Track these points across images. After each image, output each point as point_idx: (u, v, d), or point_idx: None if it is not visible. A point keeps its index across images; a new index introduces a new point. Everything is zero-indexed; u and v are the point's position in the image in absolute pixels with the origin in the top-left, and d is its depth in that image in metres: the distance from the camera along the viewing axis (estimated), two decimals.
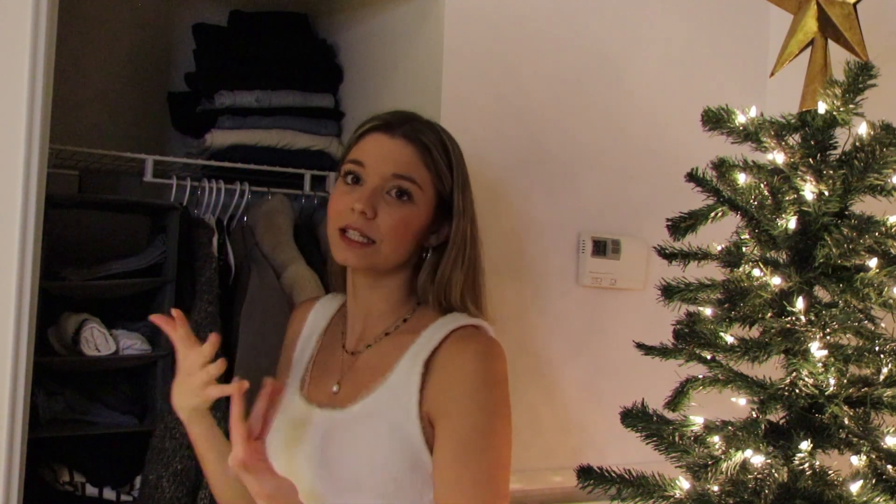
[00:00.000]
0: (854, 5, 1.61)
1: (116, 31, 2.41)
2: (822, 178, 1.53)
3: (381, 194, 1.26)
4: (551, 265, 2.10)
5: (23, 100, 1.41)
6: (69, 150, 1.96)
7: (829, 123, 1.55)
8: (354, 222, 1.25)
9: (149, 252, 1.99)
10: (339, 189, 1.30)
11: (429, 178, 1.30)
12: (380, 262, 1.28)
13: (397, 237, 1.27)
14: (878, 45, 1.68)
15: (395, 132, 1.30)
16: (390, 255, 1.28)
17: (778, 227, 1.54)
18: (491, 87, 2.02)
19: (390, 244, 1.27)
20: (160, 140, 2.40)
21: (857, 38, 1.61)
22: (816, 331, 1.49)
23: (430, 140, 1.31)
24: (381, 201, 1.26)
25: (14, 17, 1.41)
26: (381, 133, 1.31)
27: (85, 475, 1.93)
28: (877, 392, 1.48)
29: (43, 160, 1.45)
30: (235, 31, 2.37)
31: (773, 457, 1.49)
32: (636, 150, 2.21)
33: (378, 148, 1.29)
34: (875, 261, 1.48)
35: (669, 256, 1.66)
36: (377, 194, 1.26)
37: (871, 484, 1.43)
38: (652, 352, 1.63)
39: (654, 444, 1.57)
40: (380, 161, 1.27)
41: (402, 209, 1.27)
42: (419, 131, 1.32)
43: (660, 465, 1.59)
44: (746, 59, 2.37)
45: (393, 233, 1.26)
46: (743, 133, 1.60)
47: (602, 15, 2.18)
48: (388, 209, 1.26)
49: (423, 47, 2.04)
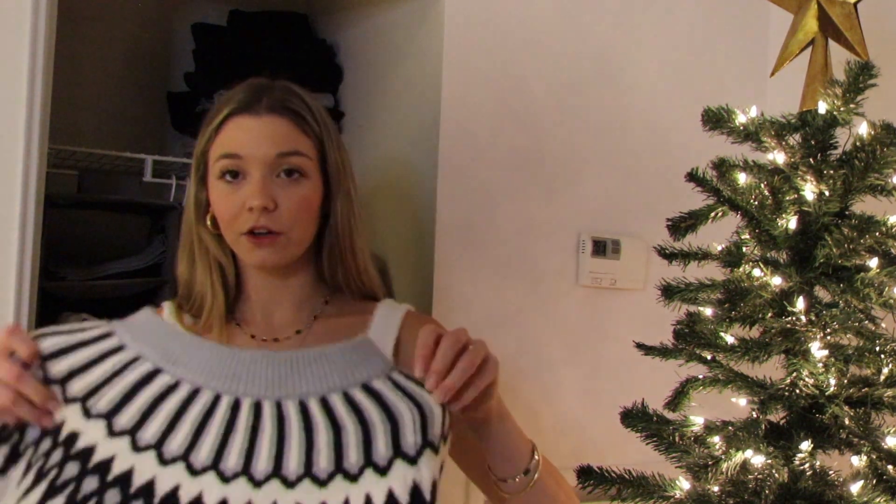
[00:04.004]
0: (854, 5, 1.61)
1: (116, 31, 2.41)
2: (822, 178, 1.53)
3: (271, 181, 1.13)
4: (551, 265, 2.10)
5: (22, 99, 1.41)
6: (69, 150, 1.97)
7: (830, 123, 1.55)
8: (258, 221, 1.12)
9: (148, 252, 1.99)
10: (220, 190, 1.15)
11: (311, 144, 1.18)
12: (293, 251, 1.18)
13: (303, 219, 1.16)
14: (878, 44, 1.68)
15: (259, 109, 1.16)
16: (302, 241, 1.18)
17: (778, 227, 1.54)
18: (491, 87, 2.02)
19: (298, 230, 1.16)
20: (160, 140, 2.40)
21: (858, 38, 1.61)
22: (817, 331, 1.49)
23: (296, 104, 1.19)
24: (275, 189, 1.13)
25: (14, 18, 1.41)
26: (243, 116, 1.16)
27: None
28: (877, 392, 1.48)
29: (42, 160, 1.45)
30: (235, 31, 2.38)
31: (774, 457, 1.49)
32: (636, 150, 2.21)
33: (248, 133, 1.14)
34: (875, 261, 1.48)
35: (669, 256, 1.65)
36: (268, 183, 1.13)
37: (871, 484, 1.43)
38: (652, 352, 1.62)
39: (654, 445, 1.57)
40: (256, 146, 1.13)
41: (299, 188, 1.15)
42: (283, 100, 1.19)
43: (660, 465, 1.59)
44: (746, 59, 2.37)
45: (297, 217, 1.15)
46: (743, 133, 1.60)
47: (602, 15, 2.18)
48: (285, 194, 1.13)
49: (423, 47, 2.04)
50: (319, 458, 0.85)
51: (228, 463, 0.85)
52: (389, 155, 2.18)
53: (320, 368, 0.90)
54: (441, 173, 1.95)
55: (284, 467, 0.85)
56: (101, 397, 0.87)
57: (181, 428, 0.86)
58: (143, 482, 0.83)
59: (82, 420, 0.86)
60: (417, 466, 0.86)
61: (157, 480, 0.83)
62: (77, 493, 0.82)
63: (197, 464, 0.85)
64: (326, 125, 1.22)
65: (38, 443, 0.87)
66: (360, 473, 0.86)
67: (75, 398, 0.87)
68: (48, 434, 0.87)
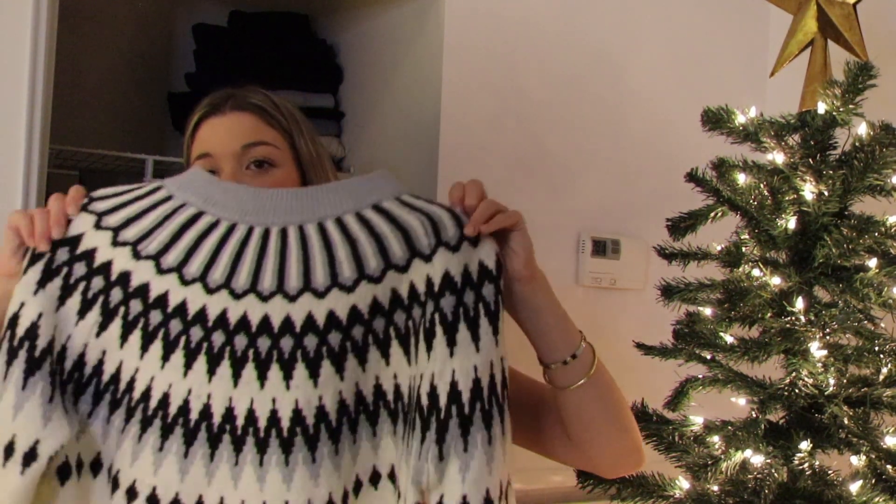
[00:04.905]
0: (854, 5, 1.62)
1: (117, 32, 2.41)
2: (821, 178, 1.53)
3: (241, 173, 1.16)
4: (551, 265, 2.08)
5: (23, 100, 1.41)
6: (69, 150, 1.97)
7: (829, 123, 1.55)
8: None
9: None
10: None
11: (278, 135, 1.21)
12: None
13: None
14: (877, 45, 1.68)
15: (224, 109, 1.20)
16: None
17: (778, 227, 1.54)
18: (491, 87, 2.02)
19: None
20: (160, 140, 2.40)
21: (857, 39, 1.61)
22: (816, 331, 1.49)
23: (259, 100, 1.23)
24: (244, 180, 1.16)
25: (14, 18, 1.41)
26: (211, 118, 1.22)
27: None
28: (876, 392, 1.48)
29: (43, 160, 1.45)
30: (235, 31, 2.38)
31: (773, 457, 1.49)
32: (636, 150, 2.21)
33: (215, 132, 1.19)
34: (875, 261, 1.48)
35: (669, 256, 1.66)
36: (238, 175, 1.16)
37: (870, 484, 1.43)
38: (652, 352, 1.63)
39: (654, 444, 1.57)
40: (224, 143, 1.18)
41: (268, 177, 1.17)
42: (245, 97, 1.22)
43: (660, 465, 1.59)
44: (746, 59, 2.37)
45: None
46: (743, 133, 1.60)
47: (602, 15, 2.18)
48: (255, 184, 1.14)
49: (423, 47, 2.04)
50: (343, 269, 0.96)
51: (264, 284, 0.96)
52: (389, 155, 2.18)
53: (336, 196, 1.01)
54: (441, 173, 1.95)
55: (314, 281, 0.96)
56: (151, 241, 0.98)
57: (221, 259, 0.97)
58: (196, 310, 0.95)
59: (132, 261, 0.97)
60: (432, 263, 0.97)
61: (207, 307, 0.95)
62: (148, 325, 0.95)
63: (238, 288, 0.96)
64: (294, 117, 1.25)
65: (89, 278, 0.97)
66: (383, 275, 0.97)
67: (126, 242, 0.98)
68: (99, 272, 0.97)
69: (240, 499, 0.93)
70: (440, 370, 0.95)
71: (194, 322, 0.95)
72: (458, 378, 0.95)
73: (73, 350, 0.95)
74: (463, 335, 0.96)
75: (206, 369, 0.94)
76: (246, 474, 0.93)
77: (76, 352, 0.95)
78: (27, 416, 0.92)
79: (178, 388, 0.94)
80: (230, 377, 0.94)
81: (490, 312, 0.98)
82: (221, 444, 0.94)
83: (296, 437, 0.93)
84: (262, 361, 0.94)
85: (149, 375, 0.95)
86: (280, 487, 0.93)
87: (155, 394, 0.94)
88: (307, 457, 0.93)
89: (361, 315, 0.96)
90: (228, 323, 0.95)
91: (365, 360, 0.96)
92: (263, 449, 0.93)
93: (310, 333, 0.95)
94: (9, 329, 0.94)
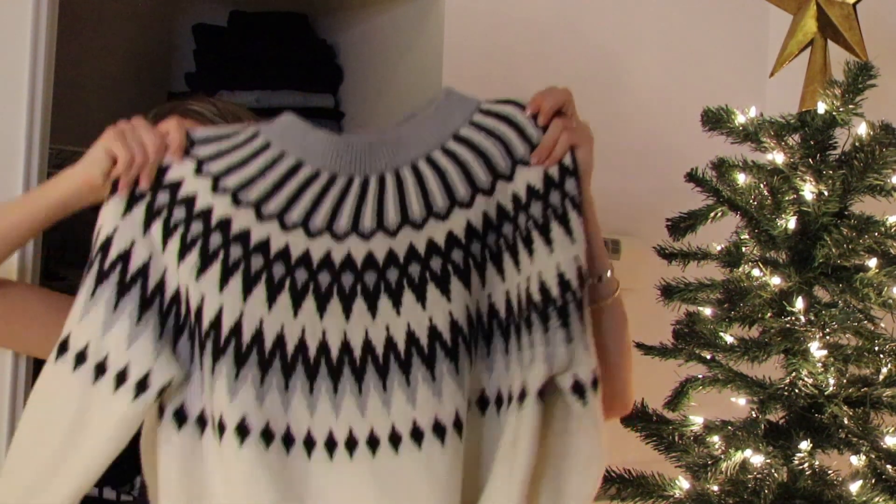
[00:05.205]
0: (853, 5, 1.61)
1: (117, 32, 2.41)
2: (821, 178, 1.53)
3: None
4: None
5: (23, 100, 1.41)
6: (69, 150, 1.97)
7: (829, 123, 1.55)
8: None
9: None
10: None
11: None
12: None
13: None
14: (877, 45, 1.68)
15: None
16: None
17: (778, 227, 1.54)
18: (491, 87, 2.01)
19: None
20: None
21: (857, 39, 1.61)
22: (816, 331, 1.49)
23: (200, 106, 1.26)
24: None
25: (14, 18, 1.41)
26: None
27: None
28: (876, 392, 1.48)
29: (43, 160, 1.45)
30: (235, 31, 2.38)
31: (773, 457, 1.49)
32: (636, 150, 2.21)
33: None
34: (875, 261, 1.49)
35: (669, 256, 1.66)
36: None
37: (870, 484, 1.43)
38: (652, 352, 1.63)
39: (654, 444, 1.57)
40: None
41: None
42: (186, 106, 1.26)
43: (660, 464, 1.59)
44: (746, 60, 2.37)
45: None
46: (742, 133, 1.60)
47: (602, 15, 2.18)
48: None
49: (423, 47, 2.04)
50: (436, 200, 1.03)
51: (365, 224, 1.02)
52: None
53: (421, 134, 1.07)
54: None
55: (411, 215, 1.03)
56: (251, 189, 1.02)
57: (322, 207, 1.02)
58: (299, 254, 1.01)
59: (231, 208, 1.01)
60: (514, 181, 1.05)
61: (311, 250, 1.01)
62: (249, 269, 0.99)
63: (339, 231, 1.02)
64: (239, 119, 1.25)
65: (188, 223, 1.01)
66: (472, 200, 1.04)
67: (226, 189, 1.01)
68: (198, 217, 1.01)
69: (368, 426, 0.99)
70: (545, 267, 1.03)
71: (298, 265, 1.00)
72: (563, 269, 1.03)
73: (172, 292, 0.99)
74: (557, 232, 1.04)
75: (316, 307, 1.00)
76: (371, 401, 0.99)
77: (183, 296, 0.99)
78: (140, 348, 0.97)
79: (292, 328, 0.99)
80: (341, 312, 1.00)
81: (576, 205, 1.06)
82: (343, 377, 1.00)
83: (412, 357, 1.00)
84: (370, 294, 1.01)
85: (256, 318, 0.99)
86: (405, 408, 0.99)
87: (267, 336, 0.99)
88: (426, 375, 1.00)
89: (458, 240, 1.03)
90: (333, 263, 1.01)
91: (468, 282, 1.02)
92: (384, 374, 1.00)
93: (413, 262, 1.02)
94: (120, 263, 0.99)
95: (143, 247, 0.99)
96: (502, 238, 1.05)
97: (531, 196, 1.05)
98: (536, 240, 1.04)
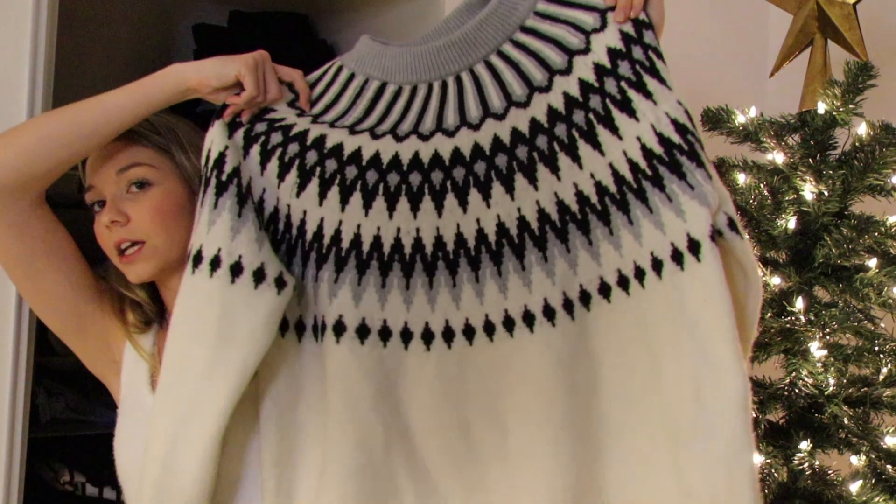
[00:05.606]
0: (854, 5, 1.62)
1: (116, 31, 2.41)
2: (821, 178, 1.54)
3: (123, 198, 1.17)
4: None
5: (23, 100, 1.41)
6: None
7: (829, 123, 1.55)
8: (116, 237, 1.16)
9: None
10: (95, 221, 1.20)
11: (154, 154, 1.20)
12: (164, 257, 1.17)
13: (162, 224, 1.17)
14: (877, 45, 1.69)
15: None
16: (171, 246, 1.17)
17: (778, 227, 1.54)
18: None
19: (160, 235, 1.17)
20: None
21: (857, 38, 1.61)
22: (816, 331, 1.50)
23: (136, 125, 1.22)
24: (125, 203, 1.17)
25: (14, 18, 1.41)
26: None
27: (85, 475, 1.93)
28: (876, 392, 1.48)
29: None
30: (235, 31, 2.38)
31: (773, 456, 1.49)
32: None
33: (93, 163, 1.20)
34: (875, 261, 1.49)
35: None
36: (118, 201, 1.17)
37: (870, 484, 1.43)
38: None
39: None
40: (100, 172, 1.19)
41: (147, 197, 1.17)
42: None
43: None
44: (746, 59, 2.37)
45: (153, 222, 1.17)
46: (743, 133, 1.60)
47: None
48: (134, 206, 1.16)
49: None
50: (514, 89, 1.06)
51: (448, 121, 1.07)
52: None
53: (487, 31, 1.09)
54: None
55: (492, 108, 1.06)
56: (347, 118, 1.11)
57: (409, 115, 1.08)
58: (389, 158, 1.06)
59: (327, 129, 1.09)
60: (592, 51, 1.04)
61: (400, 154, 1.06)
62: (345, 180, 1.06)
63: (425, 131, 1.07)
64: (174, 133, 1.24)
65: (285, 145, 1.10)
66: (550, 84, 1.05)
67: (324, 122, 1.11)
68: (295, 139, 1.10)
69: (463, 318, 1.04)
70: (655, 119, 1.00)
71: (389, 169, 1.06)
72: (675, 115, 1.00)
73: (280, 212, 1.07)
74: (652, 84, 1.02)
75: (409, 207, 1.05)
76: (466, 293, 1.04)
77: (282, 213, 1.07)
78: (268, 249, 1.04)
79: (387, 229, 1.05)
80: (433, 210, 1.05)
81: (660, 55, 1.03)
82: (437, 272, 1.04)
83: (503, 248, 1.03)
84: (460, 189, 1.05)
85: (354, 224, 1.05)
86: (497, 297, 1.03)
87: (365, 239, 1.05)
88: (517, 265, 1.03)
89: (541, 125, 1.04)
90: (422, 162, 1.06)
91: (555, 167, 1.03)
92: (476, 266, 1.04)
93: (499, 153, 1.04)
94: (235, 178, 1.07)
95: (244, 169, 1.07)
96: (590, 112, 1.03)
97: (615, 56, 1.03)
98: (634, 97, 1.02)
